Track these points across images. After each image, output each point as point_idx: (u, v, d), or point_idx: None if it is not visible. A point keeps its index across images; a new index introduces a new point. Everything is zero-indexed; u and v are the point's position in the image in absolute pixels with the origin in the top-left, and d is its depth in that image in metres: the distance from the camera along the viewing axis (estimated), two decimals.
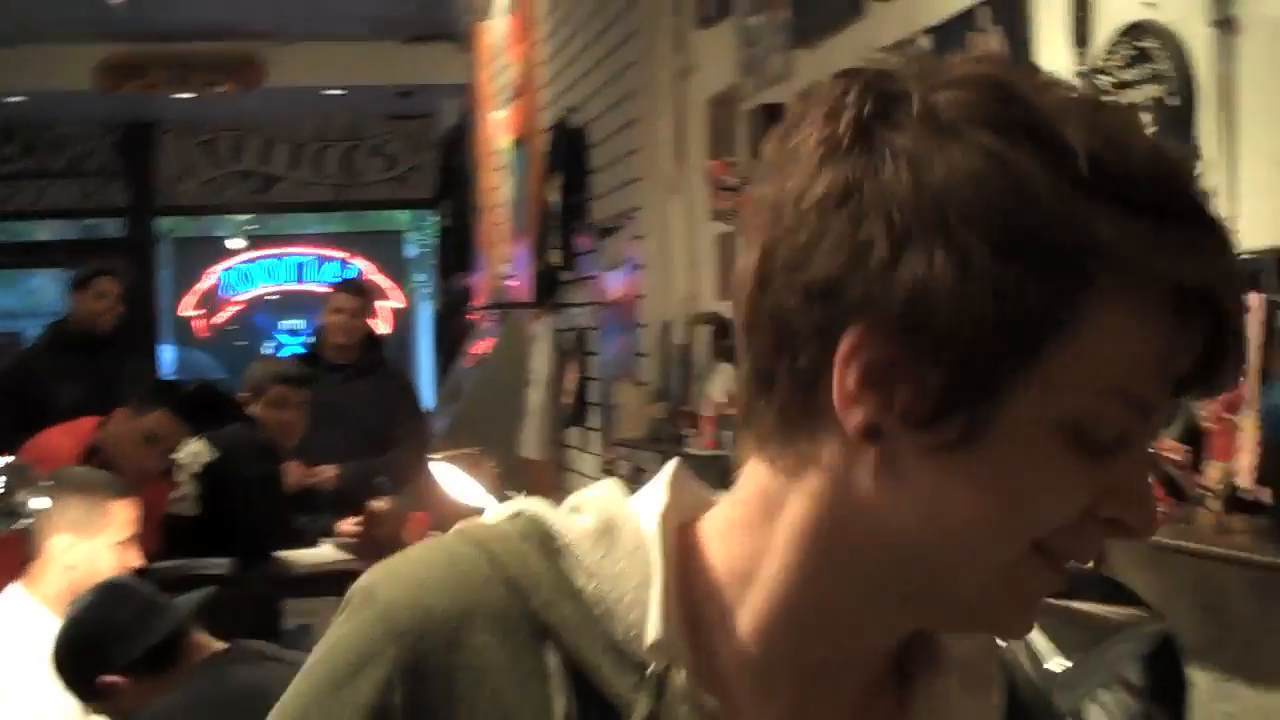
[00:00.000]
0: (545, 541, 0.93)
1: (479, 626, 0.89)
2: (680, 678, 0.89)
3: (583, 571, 0.92)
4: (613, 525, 0.94)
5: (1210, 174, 2.74)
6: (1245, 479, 2.52)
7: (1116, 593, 2.57)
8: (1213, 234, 0.85)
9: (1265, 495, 2.43)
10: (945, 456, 0.86)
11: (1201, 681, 2.77)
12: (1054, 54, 3.19)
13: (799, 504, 0.91)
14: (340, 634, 0.91)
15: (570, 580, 0.91)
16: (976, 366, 0.83)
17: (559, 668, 0.89)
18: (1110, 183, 0.82)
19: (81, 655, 3.27)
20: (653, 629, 0.90)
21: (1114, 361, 0.84)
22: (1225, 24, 2.67)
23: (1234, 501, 2.47)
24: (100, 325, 7.00)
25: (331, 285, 7.64)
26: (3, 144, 11.55)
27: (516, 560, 0.91)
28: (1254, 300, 2.60)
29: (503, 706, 0.88)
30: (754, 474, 0.94)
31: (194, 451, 5.29)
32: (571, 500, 0.98)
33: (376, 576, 0.93)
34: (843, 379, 0.86)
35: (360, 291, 7.13)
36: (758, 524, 0.93)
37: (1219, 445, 2.62)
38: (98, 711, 3.35)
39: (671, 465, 1.00)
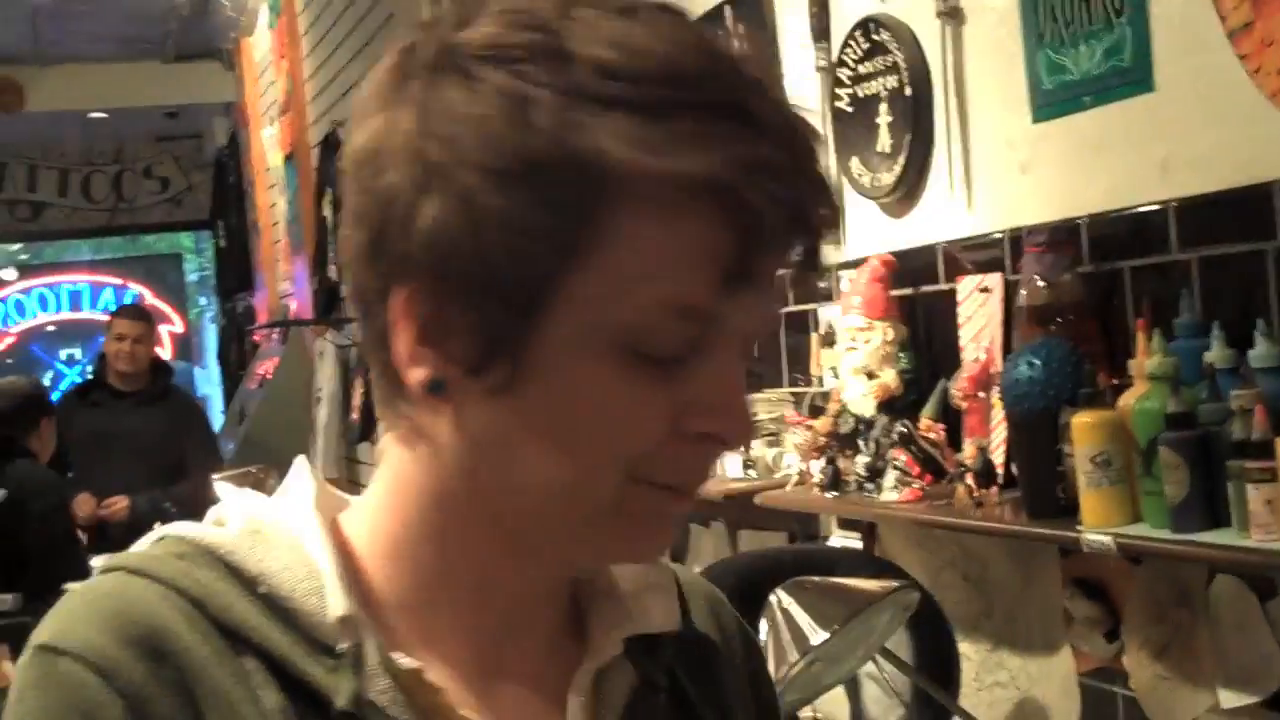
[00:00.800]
0: (202, 555, 0.89)
1: (177, 635, 0.85)
2: (372, 648, 0.87)
3: (248, 576, 0.88)
4: (259, 526, 0.92)
5: (946, 160, 2.84)
6: (997, 453, 2.61)
7: (883, 570, 2.65)
8: (739, 121, 0.81)
9: (1014, 468, 2.52)
10: (507, 399, 0.84)
11: (973, 655, 2.86)
12: (796, 50, 3.26)
13: (416, 471, 0.91)
14: (37, 703, 0.83)
15: (241, 585, 0.88)
16: (502, 303, 0.82)
17: (258, 667, 0.86)
18: (619, 90, 0.80)
19: None
20: (335, 605, 0.87)
21: (647, 271, 0.81)
22: (952, 14, 2.75)
23: (988, 475, 2.55)
24: None
25: (111, 312, 7.41)
26: None
27: (182, 576, 0.87)
28: (993, 280, 2.70)
29: (226, 701, 0.84)
30: (386, 448, 0.94)
31: None
32: (210, 516, 0.95)
33: (53, 631, 0.85)
34: (399, 339, 0.86)
35: (142, 316, 6.94)
36: (395, 497, 0.92)
37: (972, 422, 2.71)
38: None
39: (302, 460, 0.98)
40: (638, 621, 0.98)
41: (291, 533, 0.91)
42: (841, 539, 3.32)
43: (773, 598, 2.26)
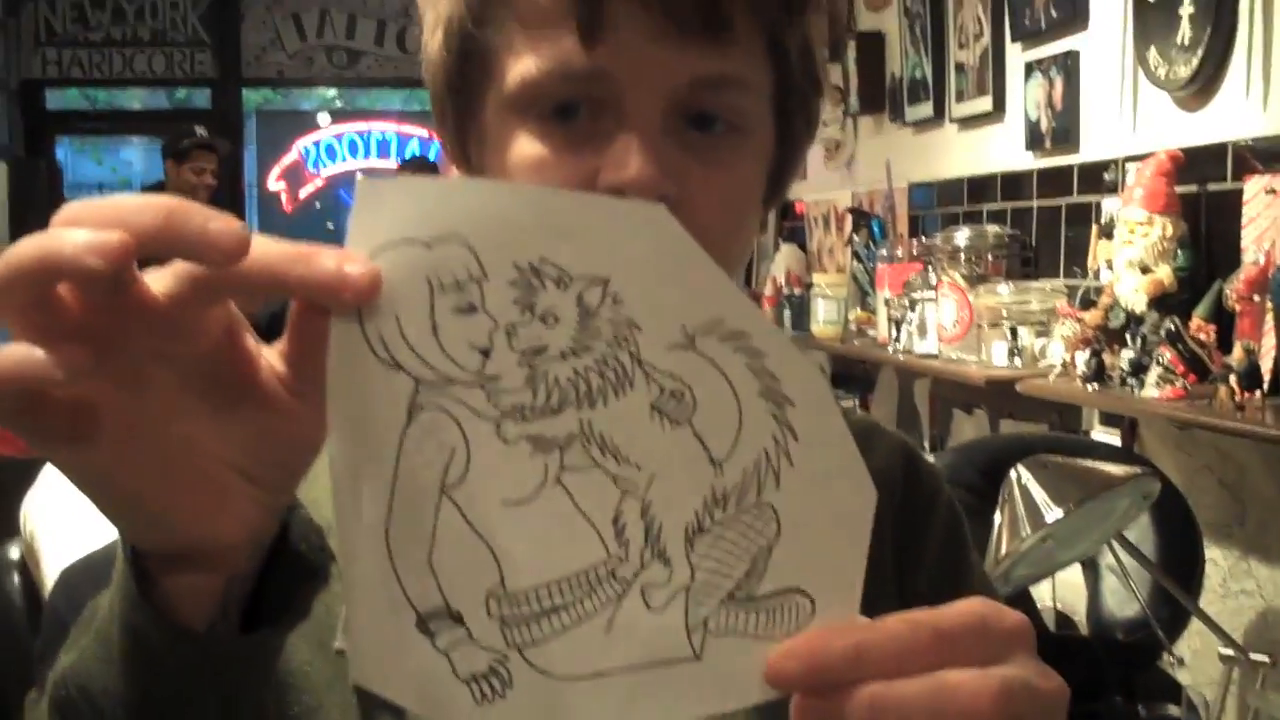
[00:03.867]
0: None
1: None
2: None
3: None
4: None
5: (1246, 56, 2.77)
6: (1267, 359, 2.56)
7: (1131, 461, 2.63)
8: None
9: None
10: (482, 171, 0.99)
11: (1221, 560, 2.82)
12: None
13: None
14: None
15: None
16: (457, 105, 0.99)
17: None
18: None
19: None
20: None
21: (522, 44, 0.92)
22: None
23: (1253, 379, 2.50)
24: (196, 199, 7.01)
25: (399, 165, 7.62)
26: (92, 10, 11.65)
27: None
28: None
29: None
30: None
31: None
32: None
33: None
34: None
35: (423, 169, 7.11)
36: None
37: (1245, 325, 2.66)
38: None
39: None
40: None
41: None
42: (1103, 435, 3.30)
43: (1012, 473, 2.27)
